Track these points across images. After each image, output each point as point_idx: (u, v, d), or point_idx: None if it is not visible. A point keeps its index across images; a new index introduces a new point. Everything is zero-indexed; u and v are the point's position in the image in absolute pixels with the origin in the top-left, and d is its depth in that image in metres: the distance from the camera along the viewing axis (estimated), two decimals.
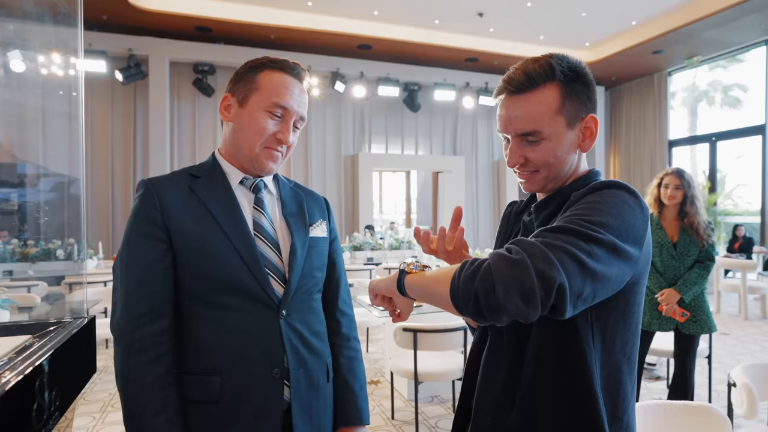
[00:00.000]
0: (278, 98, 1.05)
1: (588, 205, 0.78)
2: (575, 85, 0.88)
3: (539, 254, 0.68)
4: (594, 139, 0.90)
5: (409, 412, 3.27)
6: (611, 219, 0.75)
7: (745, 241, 7.71)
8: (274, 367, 1.02)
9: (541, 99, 0.86)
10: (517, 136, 0.89)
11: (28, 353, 1.00)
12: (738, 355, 4.65)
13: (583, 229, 0.72)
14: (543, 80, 0.86)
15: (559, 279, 0.66)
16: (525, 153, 0.89)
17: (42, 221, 2.90)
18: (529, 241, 0.71)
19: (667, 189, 2.73)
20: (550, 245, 0.69)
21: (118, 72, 7.41)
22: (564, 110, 0.87)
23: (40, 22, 2.14)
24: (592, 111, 0.90)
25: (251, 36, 7.76)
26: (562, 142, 0.88)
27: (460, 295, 0.70)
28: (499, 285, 0.66)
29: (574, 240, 0.71)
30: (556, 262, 0.67)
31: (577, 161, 0.92)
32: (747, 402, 1.76)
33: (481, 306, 0.68)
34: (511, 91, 0.88)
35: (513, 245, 0.71)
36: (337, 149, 9.32)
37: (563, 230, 0.72)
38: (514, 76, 0.88)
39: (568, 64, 0.88)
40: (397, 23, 7.82)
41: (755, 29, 7.48)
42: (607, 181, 0.83)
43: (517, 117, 0.87)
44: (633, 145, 10.24)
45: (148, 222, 1.00)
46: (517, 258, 0.68)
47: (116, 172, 8.08)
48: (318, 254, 1.15)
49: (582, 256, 0.69)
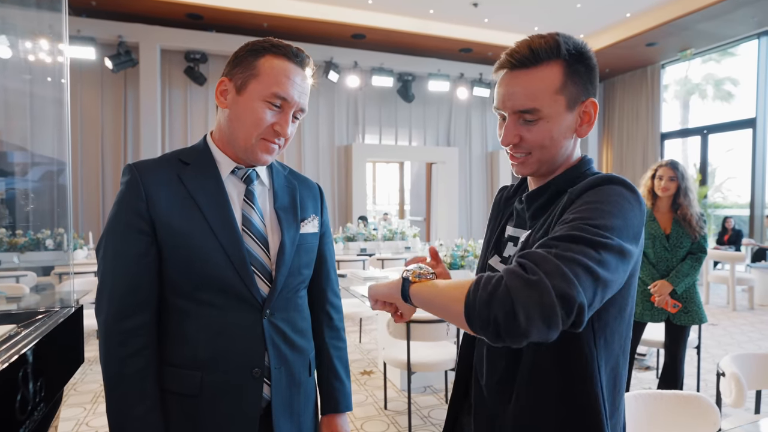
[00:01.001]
0: (278, 88, 0.99)
1: (591, 206, 0.76)
2: (579, 66, 0.85)
3: (556, 272, 0.66)
4: (592, 124, 0.88)
5: (401, 402, 3.28)
6: (615, 220, 0.74)
7: (734, 233, 7.80)
8: (254, 367, 1.00)
9: (543, 76, 0.83)
10: (514, 113, 0.86)
11: (12, 342, 0.98)
12: (726, 345, 4.71)
13: (592, 237, 0.70)
14: (547, 57, 0.83)
15: (579, 298, 0.65)
16: (521, 132, 0.86)
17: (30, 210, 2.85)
18: (542, 255, 0.69)
19: (661, 180, 2.73)
20: (564, 259, 0.67)
21: (108, 59, 7.28)
22: (565, 90, 0.84)
23: (24, 6, 2.09)
24: (593, 96, 0.88)
25: (244, 24, 7.66)
26: (560, 123, 0.85)
27: (476, 317, 0.68)
28: (520, 310, 0.64)
29: (585, 249, 0.69)
30: (573, 279, 0.65)
31: (572, 147, 0.90)
32: (735, 391, 1.78)
33: (501, 331, 0.66)
34: (513, 65, 0.85)
35: (526, 260, 0.69)
36: (331, 139, 9.27)
37: (573, 239, 0.71)
38: (519, 49, 0.85)
39: (575, 44, 0.85)
40: (392, 13, 7.75)
41: (749, 22, 7.49)
42: (605, 177, 0.81)
43: (517, 93, 0.84)
44: (626, 137, 10.28)
45: (133, 213, 0.97)
46: (535, 279, 0.66)
47: (106, 161, 7.97)
48: (307, 251, 1.12)
49: (594, 267, 0.68)
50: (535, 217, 0.91)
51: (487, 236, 1.04)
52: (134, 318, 0.96)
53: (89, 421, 2.97)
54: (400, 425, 2.95)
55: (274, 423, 1.03)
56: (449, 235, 9.29)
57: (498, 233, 1.00)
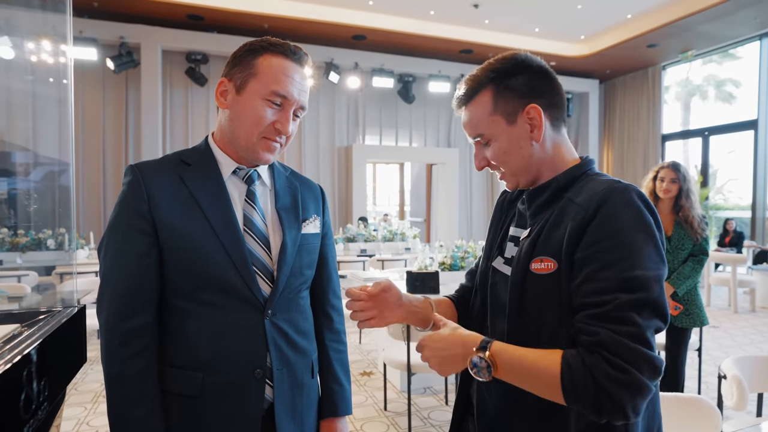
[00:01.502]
0: (278, 86, 0.99)
1: (619, 247, 0.78)
2: (509, 81, 0.91)
3: (639, 359, 0.73)
4: (541, 128, 0.90)
5: (401, 404, 3.28)
6: (647, 262, 0.78)
7: (735, 235, 7.79)
8: (256, 368, 1.00)
9: (477, 106, 0.93)
10: (474, 141, 0.96)
11: (16, 342, 0.98)
12: (727, 347, 4.71)
13: (645, 295, 0.76)
14: (479, 88, 0.93)
15: (660, 365, 0.75)
16: (484, 154, 0.95)
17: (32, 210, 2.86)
18: (619, 342, 0.74)
19: (663, 182, 2.74)
20: (637, 338, 0.74)
21: (110, 60, 7.29)
22: (498, 110, 0.91)
23: (29, 7, 2.10)
24: (534, 100, 0.90)
25: (244, 25, 7.67)
26: (507, 139, 0.91)
27: (582, 406, 0.75)
28: (630, 410, 0.73)
29: (646, 316, 0.76)
30: (653, 356, 0.74)
31: (547, 151, 0.92)
32: (737, 394, 1.78)
33: (605, 416, 0.74)
34: (458, 104, 0.97)
35: (608, 354, 0.74)
36: (331, 140, 9.27)
37: (631, 306, 0.75)
38: (459, 91, 0.96)
39: (503, 61, 0.93)
40: (392, 14, 7.75)
41: (750, 23, 7.49)
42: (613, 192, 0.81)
43: (466, 125, 0.96)
44: (627, 139, 10.28)
45: (135, 213, 0.97)
46: (630, 380, 0.73)
47: (108, 162, 7.98)
48: (308, 251, 1.11)
49: (647, 337, 0.75)
50: (536, 214, 0.92)
51: (489, 238, 1.05)
52: (135, 318, 0.96)
53: (90, 421, 2.98)
54: (400, 426, 2.95)
55: (276, 424, 1.02)
56: (449, 236, 9.29)
57: (501, 235, 1.01)
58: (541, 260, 0.84)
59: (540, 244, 0.85)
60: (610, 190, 0.81)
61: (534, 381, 0.79)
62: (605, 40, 8.53)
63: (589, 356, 0.75)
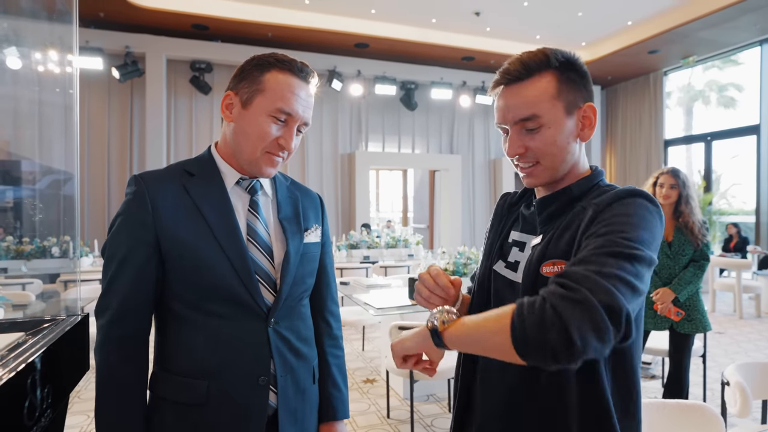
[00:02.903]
0: (283, 103, 1.00)
1: (620, 219, 0.79)
2: (570, 73, 0.89)
3: (598, 288, 0.68)
4: (593, 128, 0.91)
5: (404, 411, 3.27)
6: (644, 233, 0.77)
7: (740, 240, 7.75)
8: (260, 375, 1.01)
9: (538, 85, 0.87)
10: (516, 124, 0.88)
11: (21, 350, 1.00)
12: (733, 354, 4.67)
13: (627, 250, 0.73)
14: (539, 68, 0.87)
15: (624, 309, 0.67)
16: (525, 142, 0.88)
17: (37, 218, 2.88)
18: (583, 274, 0.70)
19: (662, 188, 2.74)
20: (604, 275, 0.70)
21: (115, 69, 7.36)
22: (561, 96, 0.87)
23: (36, 18, 2.13)
24: (589, 100, 0.91)
25: (248, 34, 7.73)
26: (561, 128, 0.88)
27: (529, 344, 0.68)
28: (574, 330, 0.65)
29: (621, 263, 0.72)
30: (617, 293, 0.68)
31: (578, 154, 0.92)
32: (740, 401, 1.77)
33: (557, 354, 0.66)
34: (508, 80, 0.89)
35: (566, 280, 0.71)
36: (334, 147, 9.31)
37: (609, 254, 0.73)
38: (510, 66, 0.89)
39: (563, 54, 0.90)
40: (394, 22, 7.80)
41: (750, 29, 7.51)
42: (629, 190, 0.84)
43: (516, 104, 0.88)
44: (629, 144, 10.27)
45: (139, 224, 0.98)
46: (580, 297, 0.67)
47: (112, 170, 8.04)
48: (310, 260, 1.13)
49: (632, 280, 0.71)
50: (546, 222, 0.92)
51: (488, 242, 1.04)
52: (131, 325, 0.98)
53: (92, 429, 2.98)
54: None
55: (280, 430, 1.03)
56: (452, 242, 9.28)
57: (502, 239, 1.01)
58: (552, 263, 0.84)
59: (551, 248, 0.86)
60: (623, 190, 0.84)
61: (485, 325, 0.74)
62: (606, 47, 8.55)
63: (548, 287, 0.71)
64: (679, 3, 7.04)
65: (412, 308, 3.12)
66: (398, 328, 2.73)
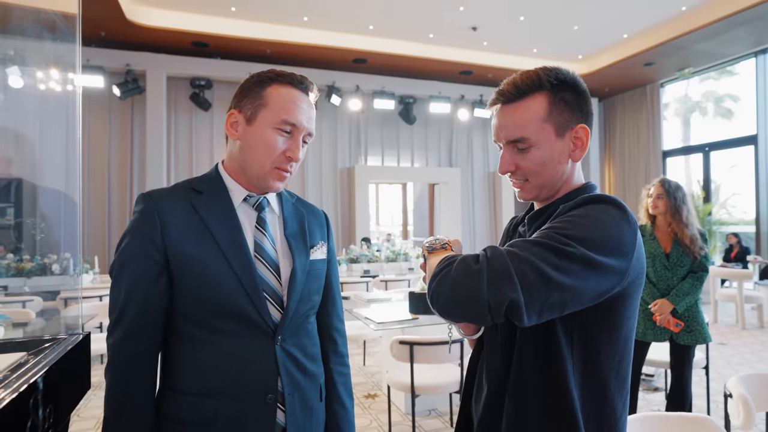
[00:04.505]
0: (287, 115, 1.02)
1: (570, 219, 0.80)
2: (565, 94, 0.90)
3: (500, 266, 0.71)
4: (584, 149, 0.92)
5: (406, 426, 3.24)
6: (590, 233, 0.76)
7: (740, 250, 7.75)
8: (268, 393, 1.01)
9: (528, 107, 0.89)
10: (508, 143, 0.92)
11: (23, 371, 1.00)
12: (736, 365, 4.64)
13: (557, 244, 0.74)
14: (531, 90, 0.89)
15: (510, 294, 0.69)
16: (515, 161, 0.92)
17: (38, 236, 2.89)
18: (499, 251, 0.74)
19: (650, 199, 2.77)
20: (516, 257, 0.73)
21: (116, 87, 7.44)
22: (552, 118, 0.89)
23: (38, 38, 2.16)
24: (584, 121, 0.92)
25: (248, 51, 7.83)
26: (550, 149, 0.90)
27: (430, 289, 0.79)
28: (456, 294, 0.74)
29: (545, 254, 0.73)
30: (514, 276, 0.70)
31: (570, 171, 0.93)
32: (743, 413, 1.76)
33: (439, 307, 0.77)
34: (502, 101, 0.92)
35: (485, 251, 0.75)
36: (334, 162, 9.35)
37: (538, 244, 0.75)
38: (504, 88, 0.92)
39: (557, 75, 0.90)
40: (392, 37, 7.90)
41: (745, 41, 7.59)
42: (594, 196, 0.84)
43: (508, 125, 0.91)
44: (627, 156, 10.32)
45: (148, 241, 0.98)
46: (477, 268, 0.73)
47: (113, 186, 8.07)
48: (316, 277, 1.13)
49: (547, 270, 0.71)
50: None
51: None
52: (142, 343, 0.98)
53: None
54: None
55: None
56: None
57: None
58: None
59: None
60: (592, 195, 0.85)
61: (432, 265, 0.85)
62: (603, 60, 8.64)
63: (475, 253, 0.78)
64: (674, 16, 7.14)
65: (413, 322, 3.12)
66: (399, 342, 2.72)
